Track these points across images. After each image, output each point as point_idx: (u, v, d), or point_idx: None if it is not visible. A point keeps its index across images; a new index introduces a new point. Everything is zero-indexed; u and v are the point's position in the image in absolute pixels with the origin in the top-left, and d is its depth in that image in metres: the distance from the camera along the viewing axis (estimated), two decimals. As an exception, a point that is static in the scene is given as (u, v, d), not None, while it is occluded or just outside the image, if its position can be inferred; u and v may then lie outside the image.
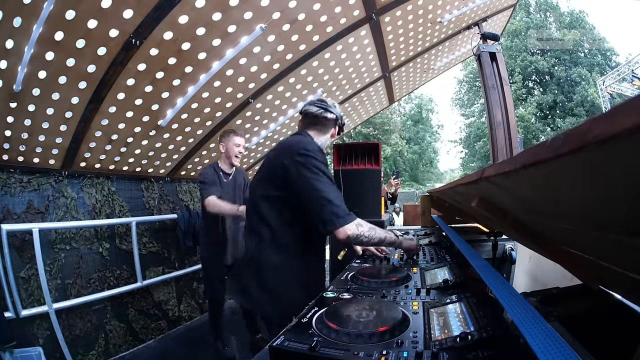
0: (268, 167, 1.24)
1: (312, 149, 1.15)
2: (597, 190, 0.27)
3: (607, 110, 0.19)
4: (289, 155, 1.15)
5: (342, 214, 1.09)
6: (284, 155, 1.17)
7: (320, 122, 1.30)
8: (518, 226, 0.68)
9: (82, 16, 1.55)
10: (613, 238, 0.37)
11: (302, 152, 1.13)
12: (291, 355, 0.64)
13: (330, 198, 1.08)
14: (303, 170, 1.11)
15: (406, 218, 4.79)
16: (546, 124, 19.98)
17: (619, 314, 0.68)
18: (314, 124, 1.31)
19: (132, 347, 2.61)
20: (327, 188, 1.10)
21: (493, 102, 3.02)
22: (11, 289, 1.93)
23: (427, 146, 23.96)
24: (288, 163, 1.14)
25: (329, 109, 1.30)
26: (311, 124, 1.31)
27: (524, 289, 1.03)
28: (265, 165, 1.27)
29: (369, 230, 1.16)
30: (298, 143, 1.19)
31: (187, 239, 3.02)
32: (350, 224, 1.10)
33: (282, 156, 1.18)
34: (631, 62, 14.86)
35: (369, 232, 1.16)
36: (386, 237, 1.23)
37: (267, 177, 1.23)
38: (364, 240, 1.15)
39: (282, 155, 1.18)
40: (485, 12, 3.54)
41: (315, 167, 1.11)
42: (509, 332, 0.64)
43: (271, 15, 2.04)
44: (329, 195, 1.09)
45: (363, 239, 1.14)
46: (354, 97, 3.74)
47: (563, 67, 19.36)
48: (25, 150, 1.99)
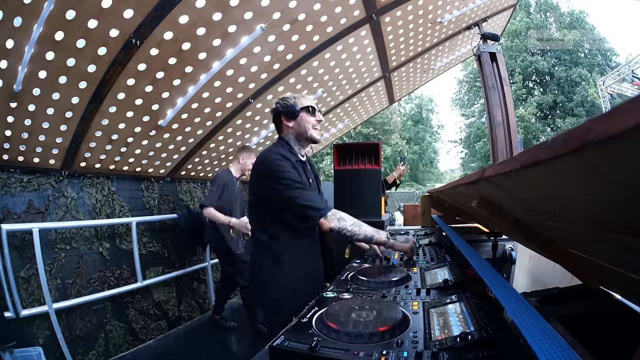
0: (251, 178, 1.34)
1: (271, 162, 1.23)
2: (597, 190, 0.27)
3: (607, 110, 0.19)
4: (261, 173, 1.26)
5: (320, 206, 1.22)
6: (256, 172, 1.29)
7: (277, 124, 1.39)
8: (518, 226, 0.68)
9: (83, 16, 1.55)
10: (613, 238, 0.37)
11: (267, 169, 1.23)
12: (291, 355, 0.64)
13: (303, 200, 1.20)
14: (272, 184, 1.21)
15: (406, 218, 4.79)
16: (546, 124, 19.98)
17: (619, 314, 0.68)
18: (277, 128, 1.40)
19: (132, 347, 2.61)
20: (296, 192, 1.20)
21: (493, 102, 3.01)
22: (11, 289, 1.93)
23: (427, 146, 23.95)
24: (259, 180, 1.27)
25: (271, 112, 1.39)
26: (277, 129, 1.41)
27: (524, 289, 1.03)
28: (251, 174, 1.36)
29: (352, 226, 1.26)
30: (263, 159, 1.28)
31: (187, 239, 3.02)
32: (329, 215, 1.22)
33: (255, 172, 1.30)
34: (631, 62, 14.86)
35: (352, 227, 1.26)
36: (374, 237, 1.29)
37: (252, 186, 1.33)
38: (347, 234, 1.25)
39: (254, 175, 1.30)
40: (485, 12, 3.53)
41: (279, 177, 1.21)
42: (509, 332, 0.64)
43: (271, 15, 2.04)
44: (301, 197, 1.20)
45: (346, 233, 1.24)
46: (354, 97, 3.74)
47: (563, 68, 19.35)
48: (25, 150, 1.99)
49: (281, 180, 1.20)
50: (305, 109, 1.34)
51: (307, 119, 1.34)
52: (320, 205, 1.22)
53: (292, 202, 1.20)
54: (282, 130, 1.37)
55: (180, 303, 3.14)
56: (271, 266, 1.26)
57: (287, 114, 1.33)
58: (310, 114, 1.35)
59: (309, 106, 1.35)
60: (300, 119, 1.33)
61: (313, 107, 1.36)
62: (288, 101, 1.34)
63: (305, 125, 1.34)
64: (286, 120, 1.34)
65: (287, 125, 1.35)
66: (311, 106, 1.35)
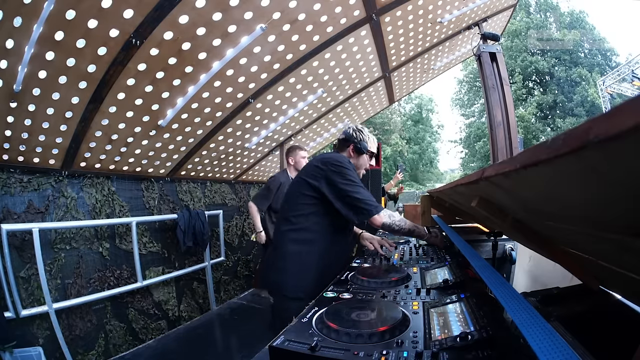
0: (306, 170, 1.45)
1: (341, 161, 1.38)
2: (597, 190, 0.27)
3: (607, 110, 0.19)
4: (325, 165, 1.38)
5: (374, 204, 1.35)
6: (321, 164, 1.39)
7: (342, 145, 1.58)
8: (518, 226, 0.68)
9: (82, 16, 1.55)
10: (613, 238, 0.37)
11: (335, 164, 1.37)
12: (291, 355, 0.64)
13: (362, 196, 1.33)
14: (336, 177, 1.34)
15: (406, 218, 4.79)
16: (546, 124, 19.98)
17: (619, 314, 0.68)
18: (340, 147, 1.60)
19: (132, 347, 2.61)
20: (357, 189, 1.34)
21: (493, 102, 3.01)
22: (11, 289, 1.93)
23: (427, 146, 23.93)
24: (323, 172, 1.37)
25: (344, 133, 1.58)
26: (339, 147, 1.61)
27: (524, 289, 1.03)
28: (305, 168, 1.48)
29: (400, 222, 1.41)
30: (334, 156, 1.43)
31: (187, 239, 3.02)
32: (382, 212, 1.35)
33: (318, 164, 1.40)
34: (631, 62, 14.85)
35: (400, 222, 1.40)
36: (415, 230, 1.46)
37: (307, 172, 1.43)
38: (395, 228, 1.38)
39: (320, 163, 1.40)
40: (485, 12, 3.53)
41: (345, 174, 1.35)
42: (509, 332, 0.64)
43: (271, 15, 2.04)
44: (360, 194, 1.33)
45: (395, 227, 1.37)
46: (354, 97, 3.74)
47: (563, 67, 19.34)
48: (25, 150, 1.99)
49: (347, 176, 1.34)
50: (369, 153, 1.55)
51: (365, 161, 1.56)
52: (375, 203, 1.36)
53: (352, 197, 1.31)
54: (343, 151, 1.55)
55: (180, 303, 3.14)
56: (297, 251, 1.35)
57: (357, 148, 1.52)
58: (369, 158, 1.57)
59: (372, 152, 1.57)
60: (362, 157, 1.54)
61: (374, 154, 1.58)
62: (363, 136, 1.53)
63: (362, 164, 1.55)
64: (353, 150, 1.53)
65: (349, 154, 1.53)
66: (374, 153, 1.58)
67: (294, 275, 1.32)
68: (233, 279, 3.92)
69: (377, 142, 1.63)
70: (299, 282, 1.30)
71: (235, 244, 3.98)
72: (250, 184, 4.31)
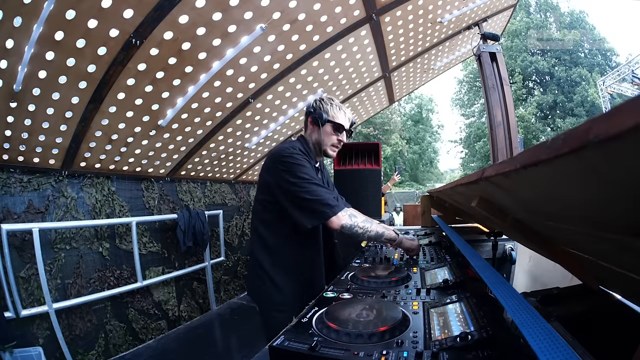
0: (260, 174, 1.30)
1: (287, 154, 1.18)
2: (597, 190, 0.27)
3: (607, 110, 0.19)
4: (274, 163, 1.20)
5: (331, 203, 1.14)
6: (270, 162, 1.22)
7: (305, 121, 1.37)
8: (518, 226, 0.68)
9: (82, 16, 1.55)
10: (613, 238, 0.37)
11: (281, 160, 1.18)
12: (291, 355, 0.64)
13: (312, 195, 1.13)
14: (284, 176, 1.16)
15: (406, 218, 4.79)
16: (546, 124, 19.98)
17: (619, 314, 0.68)
18: (304, 125, 1.38)
19: (132, 347, 2.61)
20: (307, 187, 1.14)
21: (493, 102, 3.01)
22: (11, 289, 1.93)
23: (427, 146, 23.94)
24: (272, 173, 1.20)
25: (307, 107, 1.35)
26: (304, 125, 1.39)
27: (524, 289, 1.03)
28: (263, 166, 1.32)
29: (364, 222, 1.19)
30: (278, 150, 1.23)
31: (187, 239, 3.03)
32: (340, 212, 1.15)
33: (269, 162, 1.23)
34: (631, 62, 14.85)
35: (364, 223, 1.19)
36: (384, 233, 1.23)
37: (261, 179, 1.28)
38: (358, 231, 1.18)
39: (270, 161, 1.23)
40: (485, 12, 3.53)
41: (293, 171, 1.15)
42: (509, 332, 0.64)
43: (271, 15, 2.04)
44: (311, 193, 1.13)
45: (358, 229, 1.17)
46: (354, 97, 3.74)
47: (563, 68, 19.35)
48: (25, 150, 1.99)
49: (296, 172, 1.14)
50: (332, 124, 1.29)
51: (328, 135, 1.29)
52: (333, 202, 1.15)
53: (300, 197, 1.13)
54: (306, 129, 1.35)
55: (180, 303, 3.14)
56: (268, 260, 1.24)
57: (314, 119, 1.29)
58: (335, 131, 1.30)
59: (338, 124, 1.30)
60: (323, 129, 1.28)
61: (342, 126, 1.31)
62: (324, 106, 1.29)
63: (325, 138, 1.29)
64: (311, 123, 1.31)
65: (310, 128, 1.33)
66: (340, 125, 1.30)
67: (270, 287, 1.22)
68: (233, 279, 3.92)
69: (349, 113, 1.36)
70: (277, 294, 1.21)
71: (235, 243, 3.98)
72: (250, 184, 4.31)
